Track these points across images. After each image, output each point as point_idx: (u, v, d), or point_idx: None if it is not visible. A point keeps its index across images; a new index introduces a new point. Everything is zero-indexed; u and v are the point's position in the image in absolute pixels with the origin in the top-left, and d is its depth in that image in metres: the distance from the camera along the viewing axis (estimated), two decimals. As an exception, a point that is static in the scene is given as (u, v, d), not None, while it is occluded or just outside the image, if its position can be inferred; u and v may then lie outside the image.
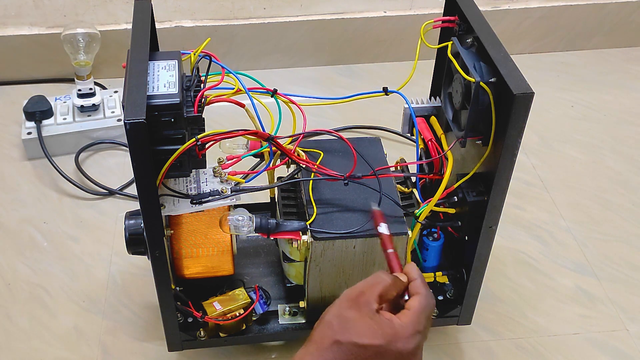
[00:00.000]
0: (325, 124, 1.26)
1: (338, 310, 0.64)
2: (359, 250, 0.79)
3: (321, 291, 0.83)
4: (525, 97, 0.66)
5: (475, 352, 0.94)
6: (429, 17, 1.06)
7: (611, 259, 1.07)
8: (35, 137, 1.19)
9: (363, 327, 0.62)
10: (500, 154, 0.70)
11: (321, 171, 0.80)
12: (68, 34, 1.21)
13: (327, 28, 1.44)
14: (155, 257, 0.74)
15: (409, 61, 1.49)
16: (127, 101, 0.64)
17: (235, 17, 1.40)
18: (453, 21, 0.81)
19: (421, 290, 0.66)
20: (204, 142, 0.70)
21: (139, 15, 0.77)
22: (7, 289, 1.00)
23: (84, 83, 1.22)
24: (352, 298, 0.64)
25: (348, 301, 0.64)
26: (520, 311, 0.99)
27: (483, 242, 0.79)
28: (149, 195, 0.68)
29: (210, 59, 0.75)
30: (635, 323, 0.98)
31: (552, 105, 1.40)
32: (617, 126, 1.35)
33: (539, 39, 1.54)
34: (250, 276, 0.93)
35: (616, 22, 1.53)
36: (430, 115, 0.88)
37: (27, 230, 1.09)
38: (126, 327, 0.95)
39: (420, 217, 0.79)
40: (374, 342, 0.61)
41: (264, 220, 0.76)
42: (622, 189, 1.21)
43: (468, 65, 0.72)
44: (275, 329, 0.87)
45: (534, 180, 1.22)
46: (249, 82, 0.78)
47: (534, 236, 1.11)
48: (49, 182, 1.18)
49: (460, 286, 0.87)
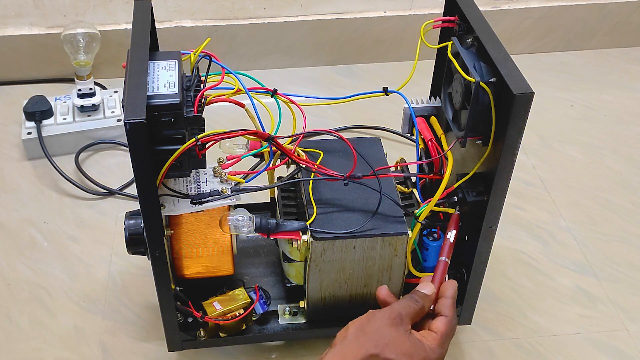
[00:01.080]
0: (325, 124, 1.26)
1: (378, 326, 0.69)
2: (359, 250, 0.79)
3: (321, 291, 0.83)
4: (525, 97, 0.66)
5: (475, 352, 0.94)
6: (429, 17, 1.06)
7: (611, 259, 1.07)
8: (35, 137, 1.19)
9: (400, 346, 0.67)
10: (500, 154, 0.70)
11: (321, 171, 0.80)
12: (68, 34, 1.21)
13: (327, 28, 1.44)
14: (155, 257, 0.74)
15: (409, 61, 1.49)
16: (127, 101, 0.64)
17: (235, 17, 1.40)
18: (453, 21, 0.81)
19: (449, 313, 0.73)
20: (204, 142, 0.70)
21: (139, 15, 0.77)
22: (7, 289, 1.00)
23: (84, 83, 1.22)
24: (392, 317, 0.70)
25: (388, 319, 0.70)
26: (520, 311, 0.99)
27: (483, 242, 0.79)
28: (149, 195, 0.68)
29: (210, 59, 0.75)
30: (635, 323, 0.98)
31: (552, 105, 1.40)
32: (617, 126, 1.35)
33: (539, 39, 1.54)
34: (250, 276, 0.93)
35: (616, 22, 1.53)
36: (430, 115, 0.88)
37: (27, 230, 1.09)
38: (126, 327, 0.95)
39: (420, 217, 0.79)
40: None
41: (264, 220, 0.76)
42: (622, 189, 1.21)
43: (468, 65, 0.72)
44: (275, 329, 0.87)
45: (534, 180, 1.22)
46: (249, 82, 0.78)
47: (534, 236, 1.11)
48: (49, 182, 1.18)
49: (460, 286, 0.87)
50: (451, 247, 0.79)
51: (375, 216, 0.79)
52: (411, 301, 0.72)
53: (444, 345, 0.70)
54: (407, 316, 0.70)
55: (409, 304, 0.72)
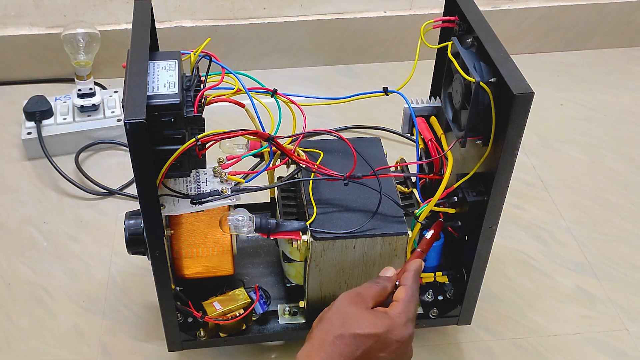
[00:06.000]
0: (325, 124, 1.26)
1: (337, 308, 0.68)
2: (359, 250, 0.79)
3: (321, 291, 0.83)
4: (525, 97, 0.66)
5: (475, 352, 0.94)
6: (429, 17, 1.06)
7: (611, 259, 1.07)
8: (35, 137, 1.19)
9: (362, 319, 0.66)
10: (500, 154, 0.70)
11: (321, 171, 0.80)
12: (68, 34, 1.21)
13: (327, 28, 1.44)
14: (155, 257, 0.74)
15: (409, 61, 1.49)
16: (127, 101, 0.64)
17: (235, 17, 1.40)
18: (453, 21, 0.81)
19: (408, 282, 0.71)
20: (204, 142, 0.70)
21: (139, 15, 0.77)
22: (7, 289, 1.00)
23: (84, 83, 1.22)
24: (350, 297, 0.69)
25: (347, 300, 0.68)
26: (520, 311, 0.99)
27: (483, 242, 0.79)
28: (149, 195, 0.68)
29: (210, 59, 0.75)
30: (635, 323, 0.98)
31: (552, 105, 1.40)
32: (617, 126, 1.35)
33: (539, 39, 1.54)
34: (250, 276, 0.93)
35: (616, 22, 1.53)
36: (430, 115, 0.88)
37: (27, 230, 1.09)
38: (126, 327, 0.95)
39: (420, 217, 0.79)
40: (374, 331, 0.65)
41: (264, 220, 0.76)
42: (622, 189, 1.21)
43: (468, 65, 0.72)
44: (275, 329, 0.87)
45: (534, 180, 1.22)
46: (249, 82, 0.78)
47: (534, 236, 1.11)
48: (49, 182, 1.18)
49: (460, 286, 0.87)
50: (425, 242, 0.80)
51: (375, 216, 0.79)
52: (372, 283, 0.71)
53: (409, 309, 0.68)
54: (368, 296, 0.69)
55: (369, 285, 0.71)
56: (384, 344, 0.65)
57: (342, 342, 0.64)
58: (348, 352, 0.64)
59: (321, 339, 0.65)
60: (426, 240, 0.80)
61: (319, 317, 0.69)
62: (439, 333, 0.95)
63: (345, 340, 0.64)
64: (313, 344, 0.65)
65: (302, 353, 0.66)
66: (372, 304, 0.69)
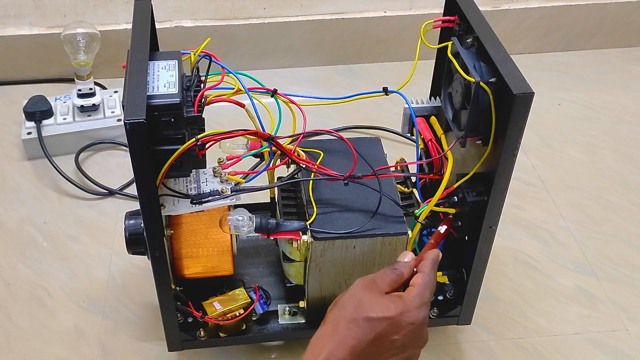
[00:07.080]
0: (325, 124, 1.26)
1: (352, 293, 0.68)
2: (359, 250, 0.79)
3: (321, 291, 0.83)
4: (525, 97, 0.66)
5: (475, 352, 0.94)
6: (429, 17, 1.06)
7: (611, 259, 1.07)
8: (35, 137, 1.19)
9: (375, 303, 0.66)
10: (500, 154, 0.70)
11: (321, 171, 0.80)
12: (68, 34, 1.21)
13: (327, 28, 1.44)
14: (155, 257, 0.74)
15: (409, 61, 1.49)
16: (127, 101, 0.64)
17: (235, 17, 1.40)
18: (453, 21, 0.81)
19: (425, 269, 0.71)
20: (204, 142, 0.70)
21: (139, 15, 0.77)
22: (7, 289, 1.00)
23: (84, 83, 1.22)
24: (365, 283, 0.69)
25: (361, 285, 0.69)
26: (520, 311, 0.99)
27: (483, 242, 0.79)
28: (149, 195, 0.68)
29: (210, 59, 0.75)
30: (635, 323, 0.98)
31: (552, 105, 1.40)
32: (617, 126, 1.35)
33: (539, 39, 1.54)
34: (250, 276, 0.93)
35: (616, 22, 1.53)
36: (430, 115, 0.88)
37: (27, 230, 1.09)
38: (126, 327, 0.95)
39: (420, 217, 0.79)
40: (387, 314, 0.65)
41: (264, 220, 0.76)
42: (622, 189, 1.21)
43: (468, 65, 0.72)
44: (275, 329, 0.87)
45: (534, 180, 1.22)
46: (249, 82, 0.78)
47: (534, 236, 1.11)
48: (49, 182, 1.18)
49: (460, 286, 0.87)
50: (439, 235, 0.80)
51: (375, 216, 0.79)
52: (388, 269, 0.71)
53: (424, 294, 0.68)
54: (383, 282, 0.69)
55: (385, 271, 0.71)
56: (397, 327, 0.65)
57: (355, 326, 0.65)
58: (361, 335, 0.64)
59: (334, 323, 0.66)
60: (439, 234, 0.79)
61: (334, 302, 0.69)
62: (439, 333, 0.95)
63: (359, 324, 0.65)
64: (326, 329, 0.66)
65: (315, 338, 0.66)
66: (387, 290, 0.69)
